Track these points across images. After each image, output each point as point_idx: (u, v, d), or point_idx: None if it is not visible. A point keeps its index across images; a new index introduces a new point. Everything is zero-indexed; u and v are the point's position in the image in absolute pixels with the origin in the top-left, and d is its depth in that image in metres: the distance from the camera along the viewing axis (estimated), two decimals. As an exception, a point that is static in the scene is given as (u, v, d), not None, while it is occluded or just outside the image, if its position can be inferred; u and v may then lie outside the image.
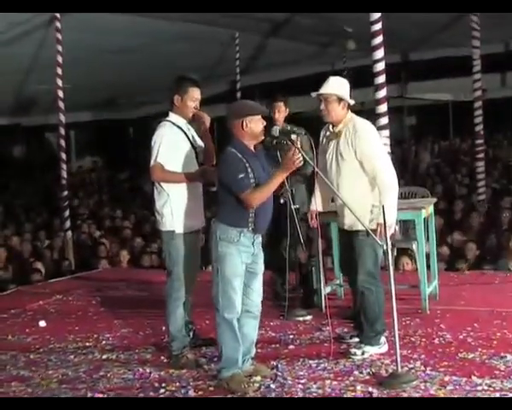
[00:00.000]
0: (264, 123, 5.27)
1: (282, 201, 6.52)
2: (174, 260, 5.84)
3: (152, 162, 5.77)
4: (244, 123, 5.15)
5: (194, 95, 5.87)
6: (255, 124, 5.17)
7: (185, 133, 5.89)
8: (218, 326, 5.26)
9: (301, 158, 5.10)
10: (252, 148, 5.24)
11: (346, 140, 5.70)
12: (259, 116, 5.21)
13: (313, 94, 5.80)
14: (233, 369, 5.24)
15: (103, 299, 8.55)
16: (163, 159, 5.72)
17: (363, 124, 5.76)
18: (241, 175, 5.06)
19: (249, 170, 5.10)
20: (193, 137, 5.96)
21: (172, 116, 5.89)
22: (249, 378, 5.32)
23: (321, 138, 5.99)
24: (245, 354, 5.37)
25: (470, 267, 9.28)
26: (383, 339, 5.82)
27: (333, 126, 5.83)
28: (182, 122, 5.89)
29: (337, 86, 5.75)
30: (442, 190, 15.26)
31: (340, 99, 5.72)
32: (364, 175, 5.69)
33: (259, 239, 5.34)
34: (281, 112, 7.20)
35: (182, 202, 5.79)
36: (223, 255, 5.17)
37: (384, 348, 5.78)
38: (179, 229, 5.79)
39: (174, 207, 5.77)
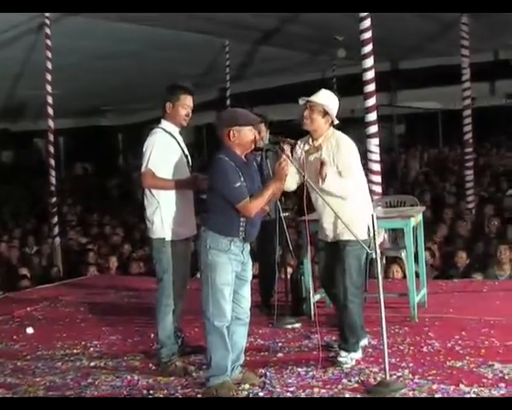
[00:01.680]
0: (255, 133, 5.26)
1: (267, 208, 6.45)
2: (164, 268, 5.82)
3: (143, 169, 5.76)
4: (232, 133, 5.13)
5: (186, 102, 5.87)
6: (244, 134, 5.15)
7: (177, 141, 5.88)
8: (208, 334, 5.24)
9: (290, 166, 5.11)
10: (242, 157, 5.24)
11: (328, 153, 5.67)
12: (249, 126, 5.19)
13: (301, 100, 5.76)
14: (222, 377, 5.23)
15: (92, 306, 8.52)
16: (154, 166, 5.71)
17: (345, 139, 5.74)
18: (238, 184, 5.05)
19: (242, 179, 5.09)
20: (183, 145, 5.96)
21: (164, 123, 5.89)
22: (238, 386, 5.31)
23: (298, 153, 5.87)
24: (234, 362, 5.36)
25: (459, 275, 9.29)
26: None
27: (312, 140, 5.79)
28: (174, 129, 5.88)
29: (326, 99, 5.73)
30: (430, 198, 15.29)
31: (326, 113, 5.71)
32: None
33: (248, 247, 5.35)
34: (262, 132, 6.98)
35: (172, 209, 5.77)
36: (213, 264, 5.16)
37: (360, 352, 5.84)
38: (169, 236, 5.78)
39: (164, 215, 5.75)
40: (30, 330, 7.48)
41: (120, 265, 11.86)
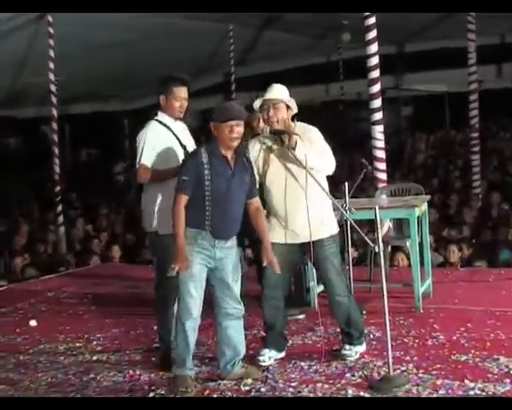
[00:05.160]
0: (238, 130, 5.07)
1: None
2: (160, 260, 5.76)
3: (137, 164, 5.68)
4: (211, 127, 5.09)
5: (180, 94, 5.74)
6: (221, 130, 5.04)
7: (173, 132, 5.79)
8: (176, 325, 5.25)
9: None
10: (227, 152, 5.11)
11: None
12: (230, 123, 5.02)
13: (258, 101, 5.59)
14: (180, 369, 5.23)
15: (95, 297, 8.49)
16: (147, 159, 5.63)
17: (310, 126, 5.62)
18: (186, 177, 5.01)
19: (206, 172, 5.00)
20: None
21: (160, 115, 5.81)
22: (240, 381, 5.25)
23: (256, 151, 5.56)
24: (233, 357, 5.32)
25: (464, 264, 9.20)
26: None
27: (274, 134, 5.51)
28: (169, 120, 5.78)
29: (284, 94, 5.58)
30: (437, 182, 15.18)
31: (288, 107, 5.55)
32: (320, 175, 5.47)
33: (227, 245, 5.20)
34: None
35: (165, 202, 5.63)
36: None
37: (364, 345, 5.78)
38: (163, 230, 5.66)
39: (158, 209, 5.65)
40: (33, 323, 7.44)
41: (125, 253, 11.80)
